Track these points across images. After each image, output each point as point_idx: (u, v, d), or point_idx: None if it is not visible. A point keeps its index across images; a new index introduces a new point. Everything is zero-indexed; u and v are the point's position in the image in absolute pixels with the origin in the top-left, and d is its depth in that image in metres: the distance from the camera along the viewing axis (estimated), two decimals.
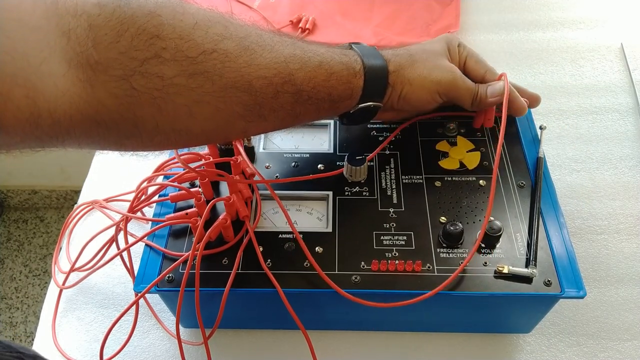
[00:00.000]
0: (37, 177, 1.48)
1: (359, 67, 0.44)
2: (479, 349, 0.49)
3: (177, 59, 0.35)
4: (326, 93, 0.43)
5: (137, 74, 0.34)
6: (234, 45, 0.38)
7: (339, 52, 0.45)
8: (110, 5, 0.33)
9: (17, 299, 1.39)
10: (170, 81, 0.35)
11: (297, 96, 0.41)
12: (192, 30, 0.36)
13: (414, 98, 0.48)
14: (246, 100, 0.39)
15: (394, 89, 0.47)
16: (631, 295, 0.52)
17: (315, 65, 0.42)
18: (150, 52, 0.34)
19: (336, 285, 0.41)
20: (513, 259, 0.43)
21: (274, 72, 0.39)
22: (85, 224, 0.60)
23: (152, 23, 0.34)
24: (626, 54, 0.72)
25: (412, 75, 0.47)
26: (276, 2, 0.81)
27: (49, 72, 0.30)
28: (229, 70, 0.37)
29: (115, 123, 0.35)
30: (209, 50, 0.36)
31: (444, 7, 0.77)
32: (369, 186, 0.49)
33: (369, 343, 0.49)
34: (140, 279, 0.44)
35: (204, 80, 0.36)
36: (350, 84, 0.44)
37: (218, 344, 0.49)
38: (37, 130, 0.31)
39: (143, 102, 0.35)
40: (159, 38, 0.34)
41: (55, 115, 0.31)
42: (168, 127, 0.37)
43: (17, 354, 0.35)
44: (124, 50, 0.33)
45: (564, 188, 0.59)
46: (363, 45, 0.48)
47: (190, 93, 0.36)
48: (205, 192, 0.48)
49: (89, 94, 0.33)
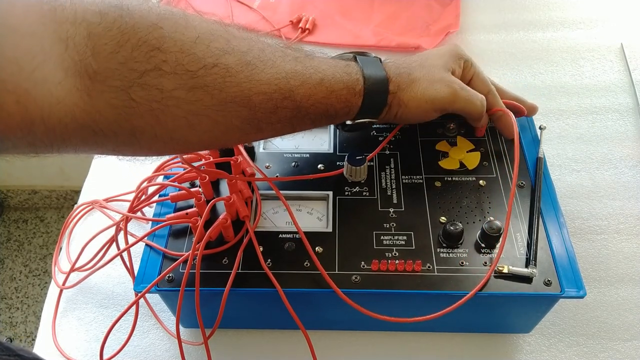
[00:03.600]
0: (37, 177, 1.48)
1: (360, 87, 0.44)
2: (479, 349, 0.49)
3: (177, 72, 0.35)
4: (324, 109, 0.43)
5: (136, 86, 0.34)
6: (235, 60, 0.37)
7: (342, 68, 0.44)
8: (112, 14, 0.33)
9: (17, 299, 1.39)
10: (170, 94, 0.35)
11: (296, 112, 0.41)
12: (194, 44, 0.36)
13: (410, 117, 0.48)
14: (245, 115, 0.39)
15: (390, 108, 0.47)
16: (631, 295, 0.52)
17: (316, 82, 0.42)
18: (150, 64, 0.34)
19: (337, 287, 0.41)
20: (513, 258, 0.43)
21: (274, 88, 0.39)
22: (85, 224, 0.60)
23: (153, 35, 0.34)
24: (626, 54, 0.72)
25: (408, 97, 0.46)
26: (276, 2, 0.81)
27: (43, 79, 0.30)
28: (229, 85, 0.37)
29: (113, 132, 0.35)
30: (210, 65, 0.36)
31: (444, 7, 0.77)
32: (369, 186, 0.49)
33: (369, 343, 0.49)
34: (140, 279, 0.44)
35: (203, 94, 0.36)
36: (349, 102, 0.44)
37: (218, 344, 0.49)
38: (29, 137, 0.31)
39: (141, 113, 0.34)
40: (160, 51, 0.34)
41: (50, 122, 0.31)
42: (166, 136, 0.37)
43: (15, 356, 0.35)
44: (123, 61, 0.33)
45: (564, 188, 0.59)
46: (367, 59, 0.47)
47: (189, 106, 0.36)
48: (205, 192, 0.48)
49: (86, 103, 0.32)
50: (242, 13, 0.80)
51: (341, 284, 0.42)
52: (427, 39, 0.73)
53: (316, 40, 0.76)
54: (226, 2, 0.80)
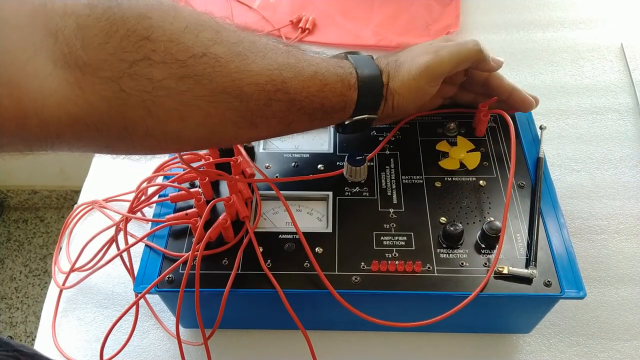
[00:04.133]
0: (37, 177, 1.48)
1: (354, 80, 0.44)
2: (479, 349, 0.49)
3: (166, 61, 0.35)
4: (319, 104, 0.43)
5: (126, 76, 0.34)
6: (225, 50, 0.37)
7: (334, 63, 0.44)
8: (101, 6, 0.33)
9: (17, 299, 1.39)
10: (160, 84, 0.35)
11: (290, 105, 0.41)
12: (183, 33, 0.36)
13: (408, 104, 0.47)
14: (237, 106, 0.39)
15: (386, 101, 0.47)
16: (631, 295, 0.52)
17: (309, 75, 0.42)
18: (139, 54, 0.34)
19: (337, 288, 0.41)
20: (513, 259, 0.43)
21: (267, 79, 0.39)
22: (85, 224, 0.60)
23: (142, 25, 0.34)
24: (626, 54, 0.72)
25: (398, 84, 0.46)
26: (276, 2, 0.81)
27: (35, 72, 0.30)
28: (219, 75, 0.37)
29: (106, 125, 0.34)
30: (199, 54, 0.36)
31: (444, 7, 0.77)
32: (369, 186, 0.49)
33: (369, 343, 0.49)
34: (140, 280, 0.44)
35: (193, 84, 0.36)
36: (344, 96, 0.44)
37: (218, 344, 0.49)
38: (23, 132, 0.31)
39: (132, 104, 0.34)
40: (149, 40, 0.34)
41: (43, 116, 0.31)
42: (158, 130, 0.37)
43: (14, 352, 0.35)
44: (112, 51, 0.33)
45: (564, 188, 0.59)
46: (359, 56, 0.47)
47: (180, 96, 0.36)
48: (205, 192, 0.48)
49: (78, 96, 0.32)
50: (242, 13, 0.80)
51: (341, 284, 0.42)
52: (427, 39, 0.73)
53: (316, 40, 0.76)
54: (226, 2, 0.80)
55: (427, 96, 0.48)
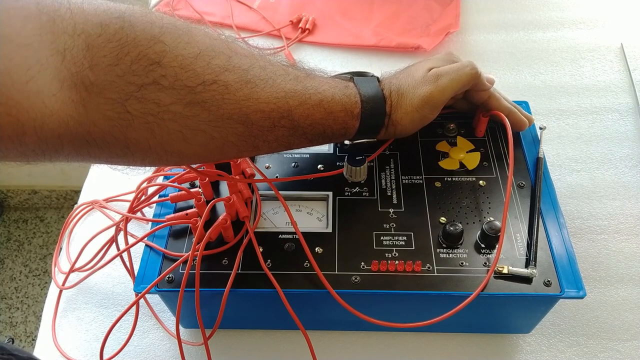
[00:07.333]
0: (37, 177, 1.48)
1: (357, 110, 0.44)
2: (479, 349, 0.49)
3: (175, 87, 0.35)
4: (321, 130, 0.43)
5: (132, 99, 0.33)
6: (235, 77, 0.37)
7: (341, 89, 0.44)
8: (113, 26, 0.33)
9: (17, 299, 1.39)
10: (167, 108, 0.35)
11: (293, 131, 0.42)
12: (194, 59, 0.35)
13: (408, 131, 0.48)
14: (242, 132, 0.39)
15: (387, 129, 0.47)
16: (631, 295, 0.52)
17: (314, 103, 0.42)
18: (148, 78, 0.33)
19: (337, 288, 0.41)
20: (513, 259, 0.43)
21: (273, 107, 0.39)
22: (85, 224, 0.60)
23: (154, 49, 0.34)
24: (626, 54, 0.72)
25: (399, 115, 0.46)
26: (276, 2, 0.81)
27: (37, 91, 0.29)
28: (227, 102, 0.37)
29: (107, 143, 0.34)
30: (209, 81, 0.36)
31: (444, 7, 0.77)
32: (368, 186, 0.49)
33: (369, 343, 0.49)
34: (140, 280, 0.44)
35: (200, 110, 0.36)
36: (346, 124, 0.44)
37: (218, 344, 0.49)
38: (20, 147, 0.30)
39: (136, 125, 0.34)
40: (159, 65, 0.34)
41: (42, 133, 0.30)
42: (160, 149, 0.37)
43: (9, 355, 0.35)
44: (121, 74, 0.33)
45: (564, 188, 0.59)
46: (365, 80, 0.46)
47: (186, 121, 0.36)
48: (205, 192, 0.48)
49: (81, 115, 0.32)
50: (242, 13, 0.80)
51: (341, 284, 0.42)
52: (427, 39, 0.73)
53: (316, 40, 0.76)
54: (226, 2, 0.80)
55: (428, 122, 0.48)
